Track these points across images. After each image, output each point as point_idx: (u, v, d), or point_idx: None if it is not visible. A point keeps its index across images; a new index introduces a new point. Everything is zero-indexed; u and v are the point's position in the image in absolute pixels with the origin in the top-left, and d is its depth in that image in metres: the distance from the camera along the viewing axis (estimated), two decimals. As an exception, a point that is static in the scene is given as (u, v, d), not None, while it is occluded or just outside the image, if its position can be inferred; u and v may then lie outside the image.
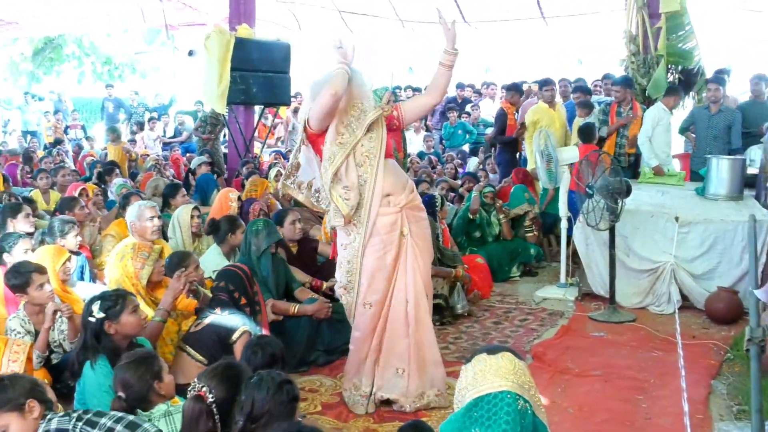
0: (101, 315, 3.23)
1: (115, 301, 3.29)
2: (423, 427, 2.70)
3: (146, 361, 2.90)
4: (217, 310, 3.88)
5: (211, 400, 2.54)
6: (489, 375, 1.99)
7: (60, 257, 4.22)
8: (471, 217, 6.85)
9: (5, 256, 4.34)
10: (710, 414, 3.96)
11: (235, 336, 3.76)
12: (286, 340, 4.49)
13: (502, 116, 8.84)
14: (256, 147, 10.65)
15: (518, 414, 1.92)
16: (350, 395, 4.02)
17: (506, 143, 8.80)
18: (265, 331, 4.04)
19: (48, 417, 2.48)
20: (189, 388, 2.63)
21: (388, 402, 4.00)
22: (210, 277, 4.74)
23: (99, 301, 3.27)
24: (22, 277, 3.72)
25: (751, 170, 6.83)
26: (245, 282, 4.06)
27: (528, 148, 7.91)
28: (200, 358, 3.74)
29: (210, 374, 2.66)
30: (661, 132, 7.45)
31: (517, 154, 8.94)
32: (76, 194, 6.19)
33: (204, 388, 2.56)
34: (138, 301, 3.44)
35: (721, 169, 6.43)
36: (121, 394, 2.80)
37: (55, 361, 3.86)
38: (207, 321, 3.83)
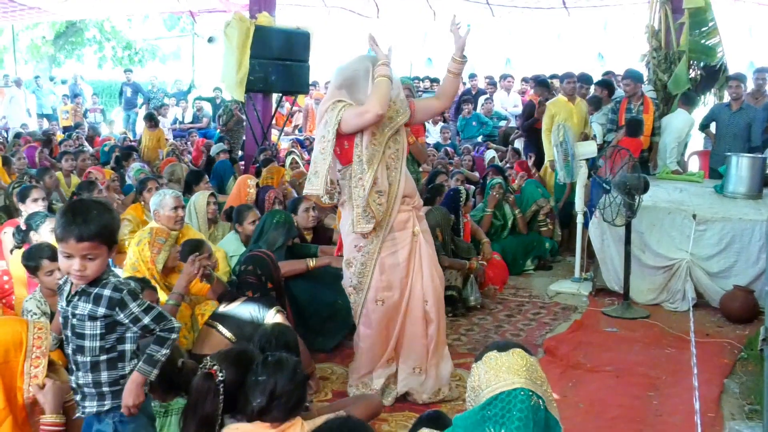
0: None
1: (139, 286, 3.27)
2: (442, 417, 2.70)
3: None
4: (249, 294, 3.91)
5: (220, 379, 2.56)
6: (501, 373, 1.99)
7: None
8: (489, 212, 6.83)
9: (32, 234, 4.38)
10: (722, 413, 3.94)
11: (268, 318, 3.77)
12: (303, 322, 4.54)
13: (530, 107, 8.86)
14: (274, 135, 10.68)
15: (531, 410, 1.93)
16: (358, 393, 3.95)
17: (533, 134, 8.75)
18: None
19: None
20: (200, 365, 2.65)
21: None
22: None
23: None
24: (33, 261, 3.74)
25: (772, 168, 6.75)
26: (271, 267, 4.08)
27: (545, 141, 7.87)
28: (229, 335, 3.75)
29: (223, 356, 2.68)
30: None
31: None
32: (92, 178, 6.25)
33: (215, 367, 2.58)
34: (157, 295, 3.45)
35: (740, 167, 6.38)
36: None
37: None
38: (238, 302, 3.86)
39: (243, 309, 3.82)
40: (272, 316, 3.78)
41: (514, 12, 13.32)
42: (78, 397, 2.51)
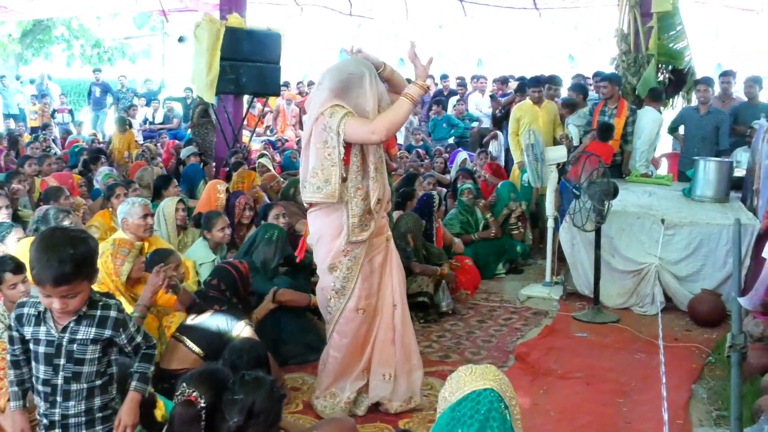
0: None
1: None
2: None
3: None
4: (216, 307, 3.87)
5: (202, 405, 2.53)
6: (474, 379, 1.97)
7: None
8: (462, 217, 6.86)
9: None
10: (690, 419, 3.98)
11: (236, 331, 3.75)
12: (275, 335, 4.49)
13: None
14: (245, 136, 10.58)
15: (500, 413, 1.90)
16: (327, 404, 3.90)
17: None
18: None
19: None
20: (176, 393, 2.60)
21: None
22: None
23: None
24: None
25: (738, 172, 6.84)
26: (237, 282, 4.03)
27: (512, 144, 7.94)
28: (197, 349, 3.74)
29: (198, 379, 2.63)
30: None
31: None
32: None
33: (194, 393, 2.55)
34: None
35: (708, 171, 6.46)
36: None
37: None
38: (207, 314, 3.83)
39: (211, 321, 3.79)
40: (240, 329, 3.74)
41: (486, 11, 13.36)
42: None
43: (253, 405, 2.48)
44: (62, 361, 2.36)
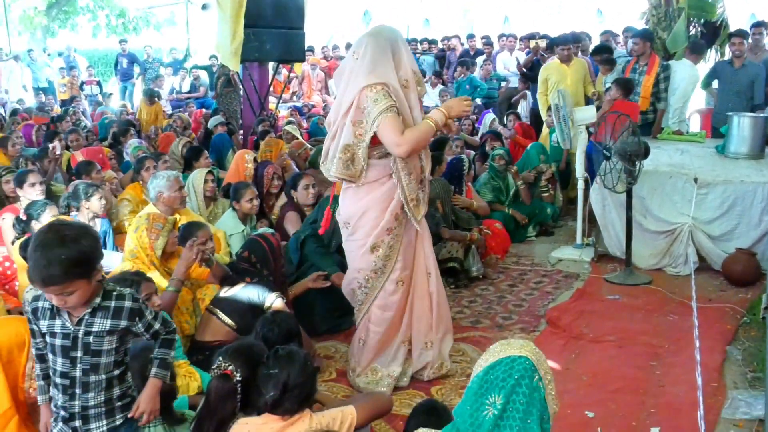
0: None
1: (137, 289, 3.21)
2: (437, 406, 2.72)
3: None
4: (248, 279, 3.91)
5: (238, 379, 2.56)
6: (508, 348, 1.94)
7: None
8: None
9: (34, 224, 4.38)
10: (724, 382, 3.95)
11: (268, 302, 3.79)
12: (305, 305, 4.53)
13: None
14: (271, 103, 10.59)
15: (533, 383, 1.85)
16: (369, 380, 3.87)
17: None
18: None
19: None
20: (213, 367, 2.64)
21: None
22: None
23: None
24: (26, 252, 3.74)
25: (774, 128, 6.68)
26: (268, 254, 4.05)
27: (541, 103, 7.84)
28: (230, 322, 3.78)
29: (234, 354, 2.66)
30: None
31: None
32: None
33: (230, 367, 2.58)
34: (155, 287, 3.42)
35: (742, 127, 6.33)
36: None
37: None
38: (239, 287, 3.87)
39: (243, 294, 3.83)
40: (272, 301, 3.79)
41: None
42: (77, 423, 2.41)
43: (287, 379, 2.49)
44: (79, 354, 2.35)
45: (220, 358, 2.64)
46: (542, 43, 10.33)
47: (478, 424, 1.87)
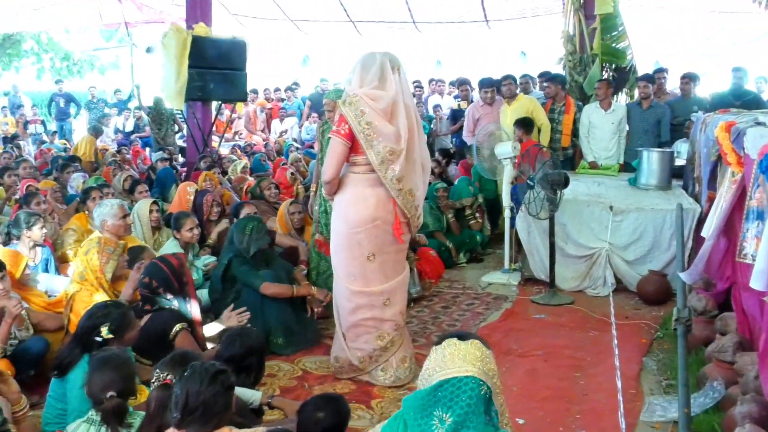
0: (110, 336, 3.25)
1: (122, 319, 3.31)
2: (339, 403, 2.92)
3: (128, 361, 3.03)
4: (148, 306, 3.98)
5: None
6: (457, 359, 2.10)
7: (19, 262, 4.30)
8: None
9: None
10: (642, 389, 4.25)
11: (172, 334, 3.84)
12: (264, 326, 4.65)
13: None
14: (214, 141, 10.73)
15: (479, 398, 2.04)
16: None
17: None
18: (196, 320, 4.12)
19: None
20: (152, 380, 2.72)
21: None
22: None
23: (106, 323, 3.25)
24: None
25: (679, 162, 7.23)
26: (169, 276, 4.07)
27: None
28: (145, 361, 3.81)
29: (170, 363, 2.75)
30: (595, 130, 7.91)
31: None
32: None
33: (169, 376, 2.67)
34: (133, 314, 3.49)
35: (651, 161, 6.80)
36: (112, 393, 2.82)
37: (9, 352, 3.82)
38: (144, 320, 3.86)
39: (145, 333, 3.76)
40: (175, 333, 3.86)
41: (439, 27, 13.75)
42: None
43: (186, 399, 2.41)
44: None
45: (158, 369, 2.73)
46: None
47: None
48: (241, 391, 3.09)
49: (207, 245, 5.82)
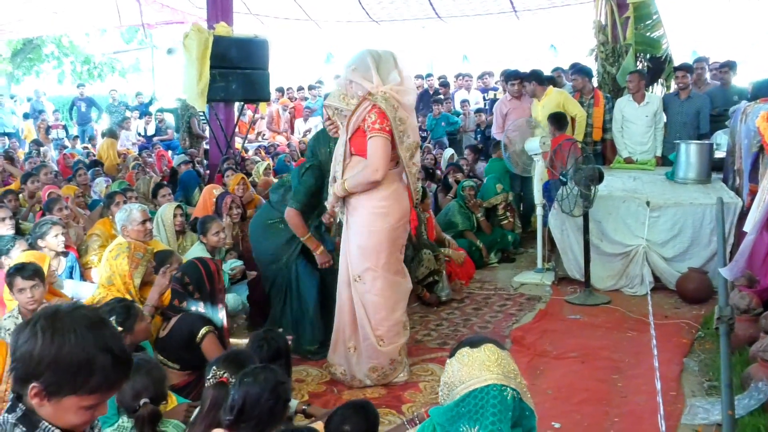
0: (119, 329, 3.20)
1: (127, 312, 3.32)
2: (368, 409, 2.83)
3: (158, 366, 3.02)
4: (175, 302, 3.91)
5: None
6: (474, 369, 2.03)
7: (42, 263, 4.27)
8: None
9: (3, 258, 4.39)
10: (683, 390, 4.11)
11: (199, 337, 3.76)
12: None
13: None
14: (237, 142, 10.71)
15: (504, 405, 1.97)
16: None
17: None
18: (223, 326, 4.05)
19: None
20: (208, 377, 2.70)
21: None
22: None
23: (112, 316, 3.24)
24: (9, 278, 3.76)
25: (719, 154, 7.01)
26: (203, 277, 4.00)
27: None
28: (172, 365, 3.76)
29: (225, 361, 2.74)
30: (629, 124, 7.72)
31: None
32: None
33: (225, 374, 2.65)
34: (137, 306, 3.49)
35: (689, 154, 6.62)
36: (146, 399, 2.79)
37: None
38: (171, 323, 3.83)
39: (174, 335, 3.77)
40: (202, 336, 3.78)
41: (465, 19, 13.59)
42: None
43: (244, 403, 2.45)
44: None
45: (214, 367, 2.72)
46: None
47: None
48: None
49: (237, 250, 5.77)
